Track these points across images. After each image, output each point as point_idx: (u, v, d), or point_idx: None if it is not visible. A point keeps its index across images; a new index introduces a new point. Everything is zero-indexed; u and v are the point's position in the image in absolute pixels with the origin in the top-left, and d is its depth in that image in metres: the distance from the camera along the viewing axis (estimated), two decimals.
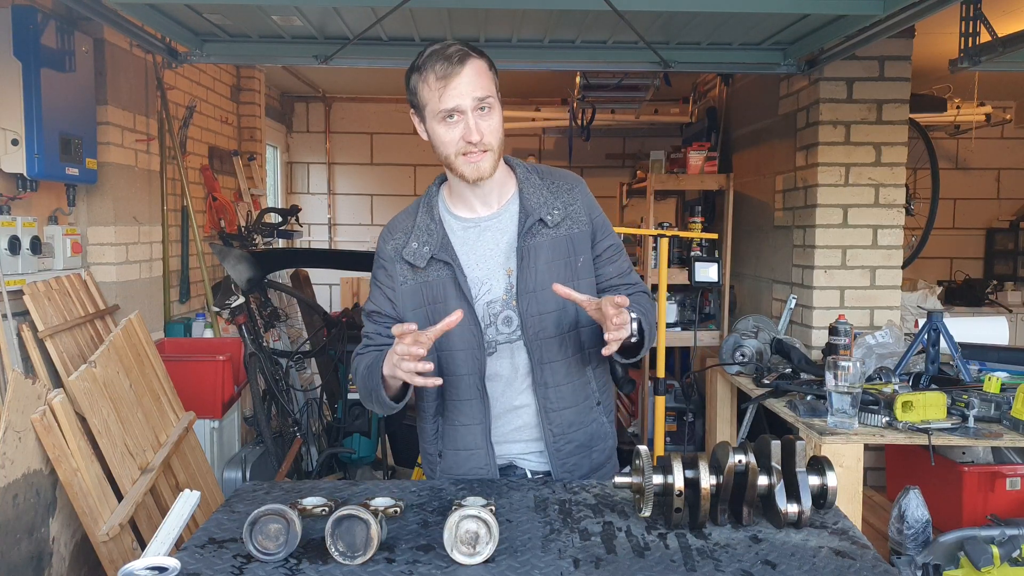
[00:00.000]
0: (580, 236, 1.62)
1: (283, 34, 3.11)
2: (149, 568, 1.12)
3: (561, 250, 1.60)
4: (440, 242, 1.59)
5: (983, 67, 2.62)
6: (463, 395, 1.61)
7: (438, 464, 1.68)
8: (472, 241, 1.61)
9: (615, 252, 1.68)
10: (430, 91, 1.50)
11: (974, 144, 5.58)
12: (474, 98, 1.49)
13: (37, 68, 2.63)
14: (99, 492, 2.40)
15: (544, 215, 1.59)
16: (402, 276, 1.62)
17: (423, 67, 1.51)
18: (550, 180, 1.66)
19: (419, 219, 1.64)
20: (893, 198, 3.33)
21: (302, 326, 4.82)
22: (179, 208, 3.97)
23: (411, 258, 1.60)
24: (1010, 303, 5.06)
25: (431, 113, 1.52)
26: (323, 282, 6.33)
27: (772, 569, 1.17)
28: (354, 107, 6.51)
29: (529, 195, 1.61)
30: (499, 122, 1.54)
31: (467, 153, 1.52)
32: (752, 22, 2.88)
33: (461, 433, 1.63)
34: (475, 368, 1.59)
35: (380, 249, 1.68)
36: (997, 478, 2.74)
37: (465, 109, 1.49)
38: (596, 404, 1.68)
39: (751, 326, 3.38)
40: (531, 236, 1.58)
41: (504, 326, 1.60)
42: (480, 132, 1.50)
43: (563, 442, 1.63)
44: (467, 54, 1.50)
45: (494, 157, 1.54)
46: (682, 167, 4.39)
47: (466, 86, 1.48)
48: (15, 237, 2.62)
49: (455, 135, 1.51)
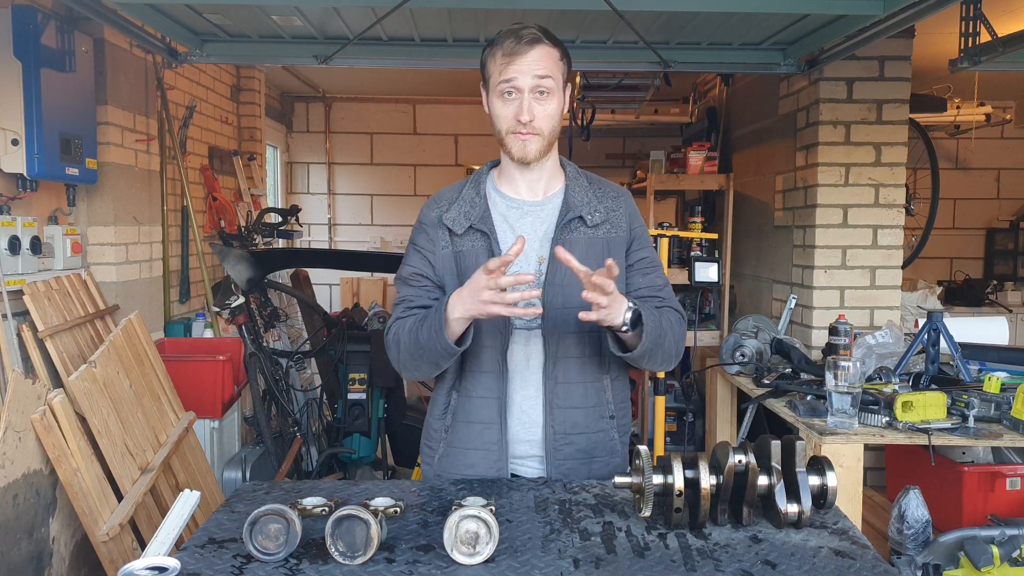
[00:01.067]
0: (617, 241, 1.64)
1: (283, 34, 3.11)
2: (149, 568, 1.12)
3: (596, 250, 1.60)
4: (481, 214, 1.62)
5: (983, 67, 2.62)
6: (484, 367, 1.61)
7: (443, 441, 1.66)
8: (513, 220, 1.64)
9: (649, 265, 1.68)
10: (495, 65, 1.56)
11: (974, 144, 5.58)
12: (534, 76, 1.52)
13: (37, 68, 2.63)
14: (99, 492, 2.40)
15: (585, 213, 1.61)
16: (443, 241, 1.64)
17: (495, 42, 1.57)
18: (597, 186, 1.70)
19: (465, 192, 1.67)
20: (893, 198, 3.33)
21: (302, 326, 4.82)
22: (179, 208, 3.97)
23: (451, 223, 1.62)
24: (1010, 303, 5.06)
25: (493, 86, 1.57)
26: (323, 282, 6.33)
27: (772, 569, 1.17)
28: (354, 107, 6.51)
29: (574, 193, 1.64)
30: (556, 109, 1.57)
31: (516, 132, 1.55)
32: (752, 22, 2.88)
33: (477, 405, 1.62)
34: (498, 341, 1.59)
35: (423, 215, 1.69)
36: (997, 478, 2.74)
37: (522, 88, 1.53)
38: (609, 417, 1.66)
39: (751, 326, 3.38)
40: (569, 230, 1.60)
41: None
42: (532, 114, 1.53)
43: (563, 443, 1.61)
44: (538, 38, 1.54)
45: (542, 142, 1.57)
46: (682, 167, 4.39)
47: (528, 65, 1.52)
48: (15, 237, 2.62)
49: (509, 112, 1.55)
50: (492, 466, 1.62)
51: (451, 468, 1.66)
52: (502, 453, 1.62)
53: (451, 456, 1.65)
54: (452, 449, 1.65)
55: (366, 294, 6.12)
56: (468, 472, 1.63)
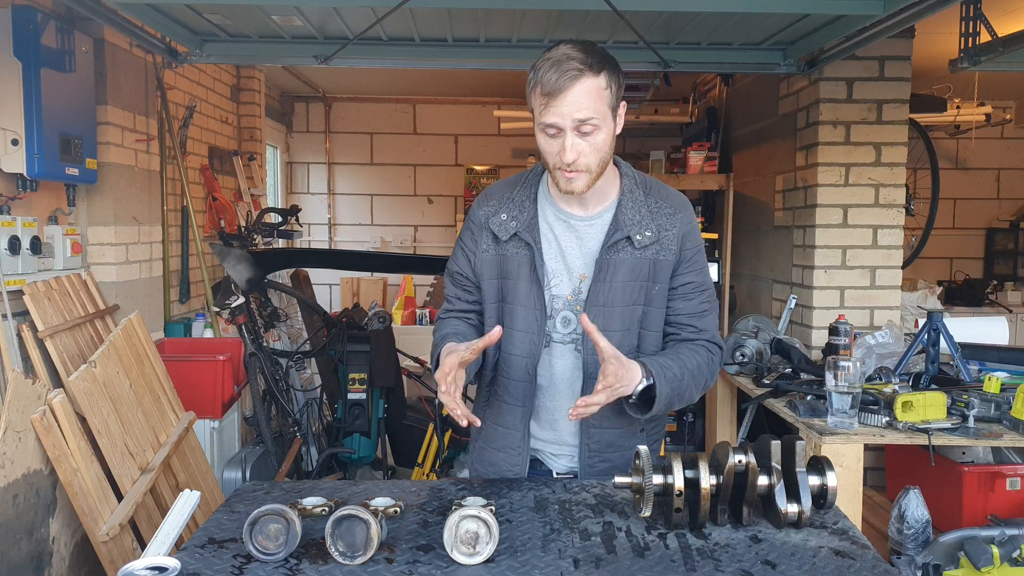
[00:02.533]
0: (664, 264, 1.57)
1: (283, 34, 3.11)
2: (149, 568, 1.12)
3: (641, 272, 1.56)
4: (528, 222, 1.59)
5: (983, 67, 2.63)
6: (514, 375, 1.62)
7: (480, 434, 1.71)
8: (559, 233, 1.61)
9: (694, 290, 1.60)
10: (536, 100, 1.47)
11: (974, 144, 5.58)
12: (575, 119, 1.44)
13: (37, 68, 2.63)
14: (99, 492, 2.40)
15: (634, 234, 1.55)
16: (485, 244, 1.63)
17: (536, 72, 1.46)
18: (655, 199, 1.60)
19: (516, 193, 1.64)
20: (893, 198, 3.33)
21: (302, 326, 4.82)
22: (179, 208, 3.97)
23: (496, 229, 1.60)
24: (1010, 303, 5.07)
25: (536, 121, 1.50)
26: (323, 282, 6.33)
27: (772, 569, 1.17)
28: (354, 107, 6.51)
29: (626, 209, 1.57)
30: (604, 140, 1.48)
31: (561, 169, 1.49)
32: (752, 22, 2.88)
33: (503, 410, 1.65)
34: (531, 351, 1.59)
35: (472, 212, 1.69)
36: (997, 478, 2.74)
37: (565, 127, 1.45)
38: (640, 431, 1.65)
39: (751, 326, 3.38)
40: (615, 251, 1.55)
41: (562, 325, 1.60)
42: (576, 153, 1.46)
43: (598, 459, 1.63)
44: (581, 73, 1.42)
45: (590, 178, 1.50)
46: (682, 167, 4.39)
47: (569, 107, 1.43)
48: (15, 237, 2.62)
49: (554, 148, 1.49)
50: (512, 467, 1.66)
51: (478, 463, 1.73)
52: (523, 457, 1.65)
53: (481, 451, 1.72)
54: (483, 445, 1.71)
55: (366, 294, 6.12)
56: (491, 470, 1.68)
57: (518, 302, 1.58)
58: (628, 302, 1.56)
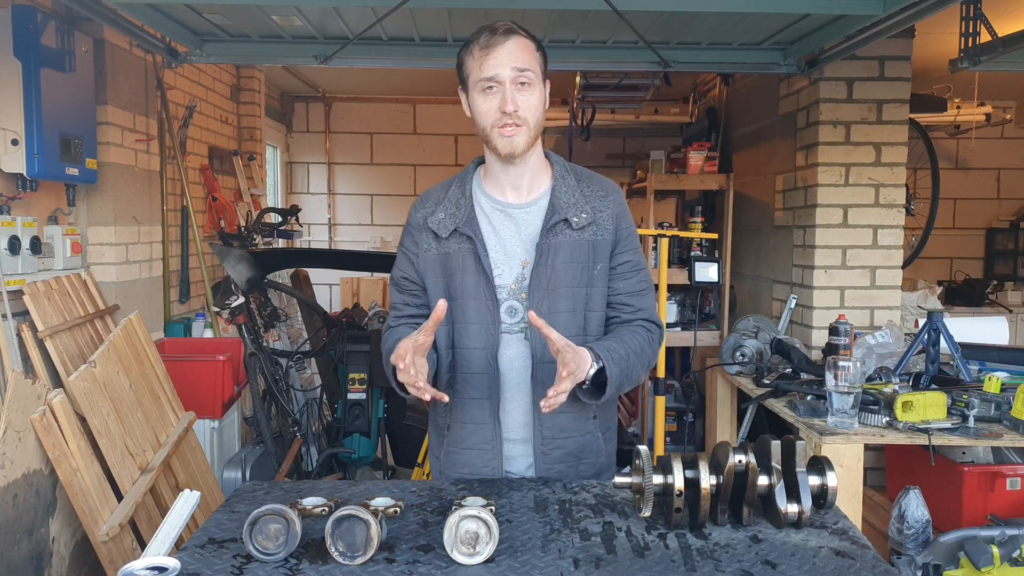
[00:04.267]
0: (602, 244, 1.61)
1: (283, 34, 3.11)
2: (149, 568, 1.12)
3: (581, 254, 1.59)
4: (466, 216, 1.61)
5: (983, 67, 2.63)
6: (475, 368, 1.61)
7: (445, 438, 1.69)
8: (497, 223, 1.63)
9: (632, 269, 1.64)
10: (473, 61, 1.53)
11: (974, 144, 5.58)
12: (513, 68, 1.50)
13: (37, 68, 2.63)
14: (99, 492, 2.40)
15: (570, 216, 1.58)
16: (426, 244, 1.64)
17: (470, 40, 1.55)
18: (587, 184, 1.65)
19: (451, 192, 1.66)
20: (893, 198, 3.33)
21: (302, 326, 4.82)
22: (179, 208, 3.97)
23: (436, 227, 1.62)
24: (1010, 303, 5.06)
25: (473, 83, 1.54)
26: (323, 282, 6.33)
27: (772, 569, 1.17)
28: (354, 107, 6.51)
29: (560, 193, 1.61)
30: (539, 101, 1.55)
31: (503, 126, 1.53)
32: (752, 22, 2.88)
33: (470, 407, 1.63)
34: (488, 343, 1.59)
35: (410, 217, 1.70)
36: (997, 478, 2.74)
37: (503, 80, 1.51)
38: (592, 417, 1.66)
39: (751, 326, 3.38)
40: (553, 234, 1.58)
41: (507, 316, 1.61)
42: (516, 104, 1.51)
43: (551, 446, 1.62)
44: (513, 30, 1.53)
45: (529, 134, 1.55)
46: (682, 167, 4.39)
47: (506, 56, 1.50)
48: (15, 237, 2.62)
49: (492, 105, 1.53)
50: (487, 465, 1.64)
51: (450, 466, 1.68)
52: (496, 452, 1.63)
53: (450, 455, 1.68)
54: (451, 449, 1.67)
55: (366, 294, 6.12)
56: (464, 471, 1.65)
57: (468, 295, 1.58)
58: (571, 284, 1.57)
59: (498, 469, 1.64)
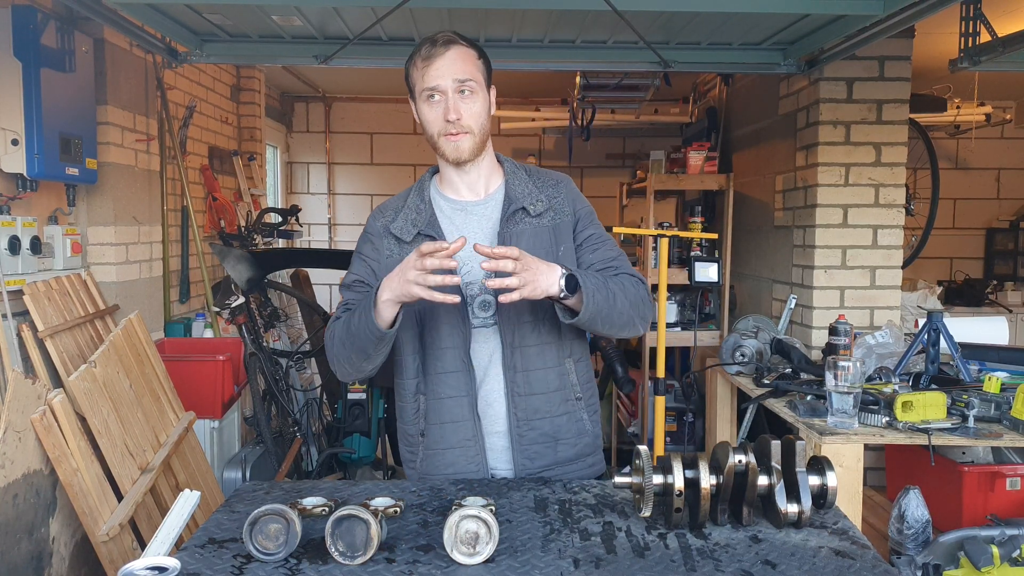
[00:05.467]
0: (563, 226, 1.65)
1: (283, 34, 3.11)
2: (149, 568, 1.12)
3: (543, 239, 1.62)
4: (428, 220, 1.64)
5: (983, 67, 2.62)
6: (448, 367, 1.61)
7: (420, 444, 1.67)
8: (459, 222, 1.66)
9: (598, 241, 1.68)
10: (417, 71, 1.59)
11: (974, 144, 5.58)
12: (454, 79, 1.55)
13: (37, 68, 2.63)
14: (99, 492, 2.40)
15: (527, 204, 1.64)
16: (388, 250, 1.65)
17: (414, 52, 1.60)
18: (536, 176, 1.71)
19: (410, 200, 1.69)
20: (893, 198, 3.33)
21: (302, 326, 4.82)
22: (179, 208, 3.97)
23: (398, 232, 1.64)
24: (1010, 303, 5.06)
25: (418, 93, 1.60)
26: (323, 282, 6.32)
27: (772, 569, 1.17)
28: (354, 107, 6.51)
29: (514, 186, 1.67)
30: (482, 108, 1.60)
31: (447, 134, 1.58)
32: (752, 22, 2.88)
33: (448, 406, 1.63)
34: (460, 341, 1.60)
35: (369, 225, 1.72)
36: (997, 478, 2.74)
37: (445, 89, 1.56)
38: (575, 398, 1.66)
39: (751, 326, 3.38)
40: (513, 223, 1.62)
41: (481, 310, 1.62)
42: (458, 112, 1.56)
43: (526, 428, 1.63)
44: (453, 40, 1.58)
45: (474, 140, 1.60)
46: (682, 167, 4.39)
47: (447, 67, 1.55)
48: (15, 237, 2.62)
49: (437, 114, 1.58)
50: (471, 461, 1.63)
51: (432, 470, 1.67)
52: (479, 448, 1.63)
53: (430, 458, 1.67)
54: (430, 452, 1.66)
55: None
56: (448, 471, 1.64)
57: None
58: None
59: (483, 465, 1.63)
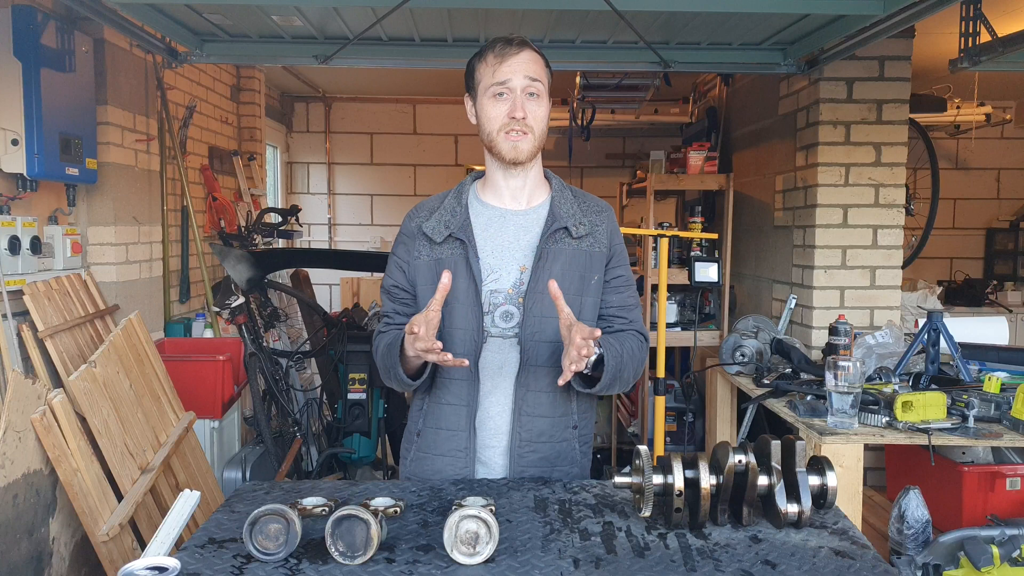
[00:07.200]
0: (598, 256, 1.65)
1: (283, 34, 3.11)
2: (149, 568, 1.12)
3: (579, 263, 1.62)
4: (461, 223, 1.63)
5: (983, 67, 2.62)
6: (455, 374, 1.62)
7: (413, 444, 1.68)
8: (494, 229, 1.64)
9: (623, 284, 1.70)
10: (486, 67, 1.60)
11: (974, 144, 5.58)
12: (525, 77, 1.57)
13: (37, 68, 2.63)
14: (99, 492, 2.40)
15: (570, 224, 1.63)
16: (418, 251, 1.65)
17: (484, 49, 1.62)
18: (582, 200, 1.71)
19: (447, 202, 1.68)
20: (893, 198, 3.33)
21: (302, 326, 4.82)
22: (179, 208, 3.97)
23: (430, 232, 1.63)
24: (1010, 303, 5.06)
25: (483, 89, 1.61)
26: (323, 282, 6.33)
27: (772, 569, 1.17)
28: (354, 107, 6.52)
29: (560, 204, 1.66)
30: (545, 113, 1.62)
31: (510, 131, 1.58)
32: (752, 22, 2.88)
33: (446, 412, 1.63)
34: (471, 349, 1.60)
35: (404, 226, 1.71)
36: (997, 478, 2.74)
37: (515, 88, 1.57)
38: (572, 427, 1.67)
39: (751, 326, 3.38)
40: (554, 241, 1.61)
41: (502, 320, 1.61)
42: (525, 111, 1.57)
43: (527, 450, 1.62)
44: (527, 43, 1.61)
45: (534, 142, 1.60)
46: (682, 167, 4.39)
47: (521, 66, 1.58)
48: (15, 237, 2.62)
49: (501, 111, 1.58)
50: (459, 472, 1.63)
51: (420, 472, 1.67)
52: (468, 460, 1.62)
53: (420, 460, 1.67)
54: (420, 454, 1.67)
55: (366, 294, 6.12)
56: (434, 478, 1.64)
57: (456, 299, 1.59)
58: (567, 291, 1.57)
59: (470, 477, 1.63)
